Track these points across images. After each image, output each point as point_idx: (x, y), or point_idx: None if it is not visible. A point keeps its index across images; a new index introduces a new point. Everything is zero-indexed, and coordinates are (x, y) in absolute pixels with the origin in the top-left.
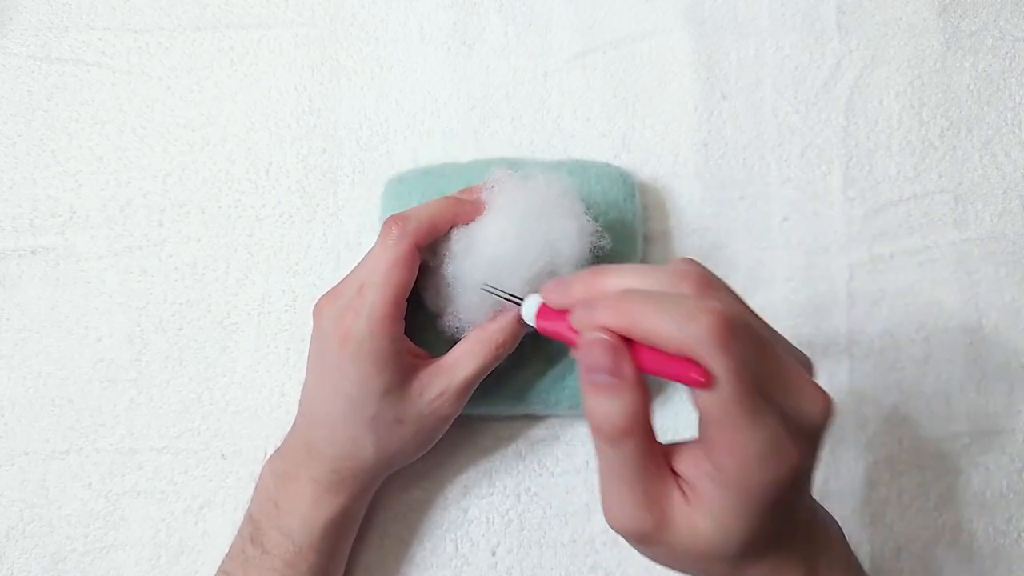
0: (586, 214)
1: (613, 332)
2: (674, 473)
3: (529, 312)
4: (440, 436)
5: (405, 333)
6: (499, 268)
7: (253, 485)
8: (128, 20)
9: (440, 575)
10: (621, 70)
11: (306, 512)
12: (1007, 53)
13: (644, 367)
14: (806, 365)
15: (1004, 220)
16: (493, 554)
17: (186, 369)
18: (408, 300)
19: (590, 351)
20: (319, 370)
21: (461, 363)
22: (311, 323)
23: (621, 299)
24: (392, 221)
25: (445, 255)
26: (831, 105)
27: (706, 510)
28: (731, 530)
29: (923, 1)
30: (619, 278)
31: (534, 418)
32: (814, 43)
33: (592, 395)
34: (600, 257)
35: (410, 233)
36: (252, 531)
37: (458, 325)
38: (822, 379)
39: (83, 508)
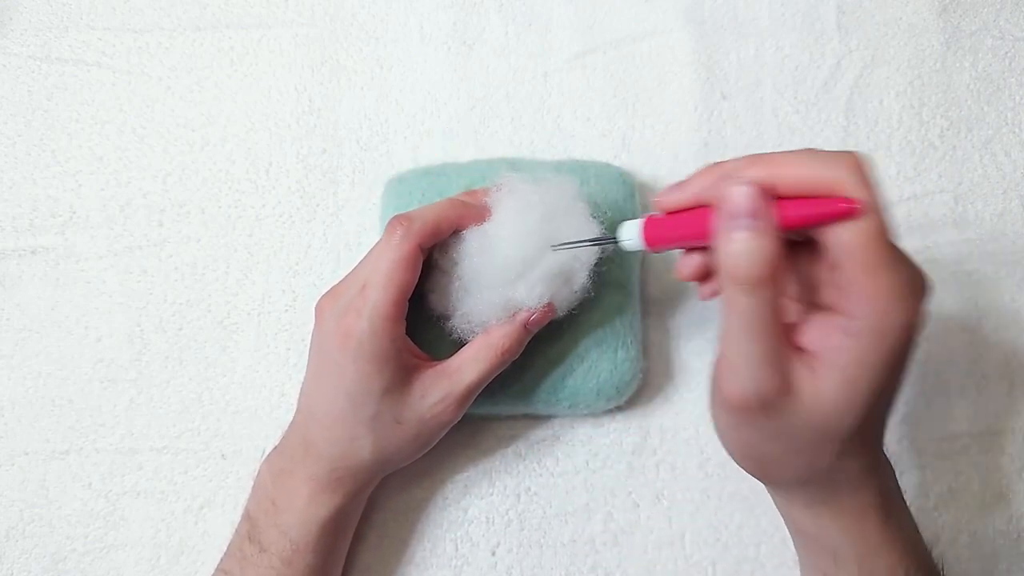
0: (593, 217)
1: (755, 186)
2: (798, 350)
3: (633, 234)
4: (438, 440)
5: (407, 334)
6: (510, 270)
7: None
8: (128, 20)
9: (440, 575)
10: (621, 70)
11: (303, 510)
12: (1007, 53)
13: (787, 222)
14: None
15: (1004, 220)
16: (493, 554)
17: (186, 369)
18: (410, 301)
19: (732, 197)
20: (319, 368)
21: (466, 368)
22: (311, 323)
23: (759, 157)
24: (396, 221)
25: (455, 257)
26: (831, 105)
27: (835, 370)
28: (861, 389)
29: (923, 1)
30: (750, 166)
31: (534, 418)
32: (814, 43)
33: (731, 241)
34: (604, 259)
35: (414, 234)
36: (250, 529)
37: (465, 328)
38: None
39: (83, 508)
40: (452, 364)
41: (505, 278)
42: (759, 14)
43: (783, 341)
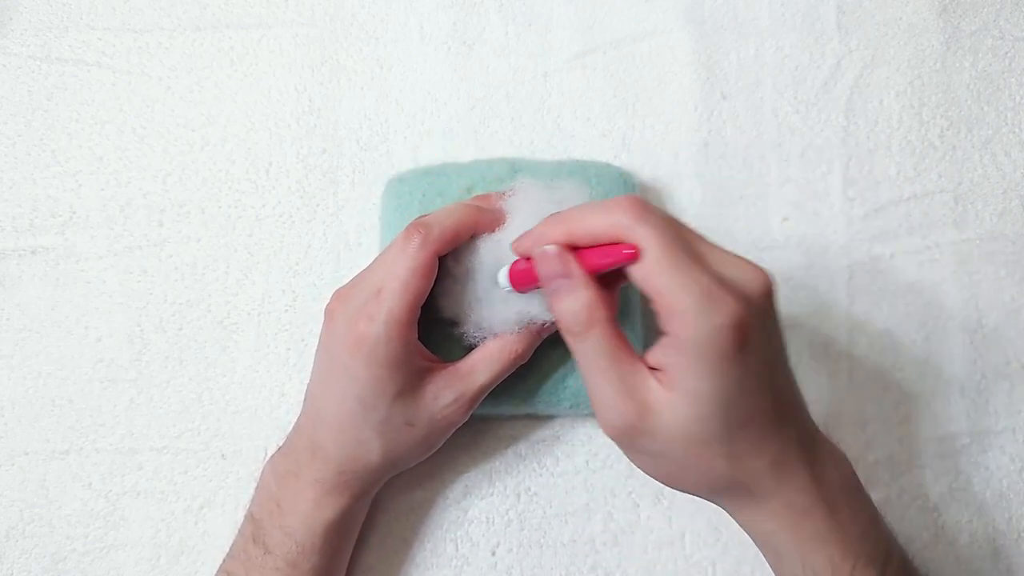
0: None
1: (560, 245)
2: (650, 369)
3: (503, 275)
4: (445, 440)
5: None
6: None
7: (253, 485)
8: (128, 20)
9: (440, 575)
10: (621, 70)
11: (309, 512)
12: (1007, 53)
13: (590, 266)
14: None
15: (1004, 220)
16: (493, 554)
17: (186, 369)
18: None
19: (542, 262)
20: (328, 371)
21: (478, 370)
22: (311, 323)
23: (559, 217)
24: (415, 228)
25: (469, 266)
26: (831, 105)
27: (677, 384)
28: (703, 396)
29: (923, 1)
30: (567, 219)
31: (534, 418)
32: (814, 43)
33: (556, 302)
34: None
35: (433, 241)
36: (254, 530)
37: (477, 335)
38: (822, 379)
39: (83, 508)
40: (463, 366)
41: (512, 297)
42: (759, 14)
43: (630, 368)
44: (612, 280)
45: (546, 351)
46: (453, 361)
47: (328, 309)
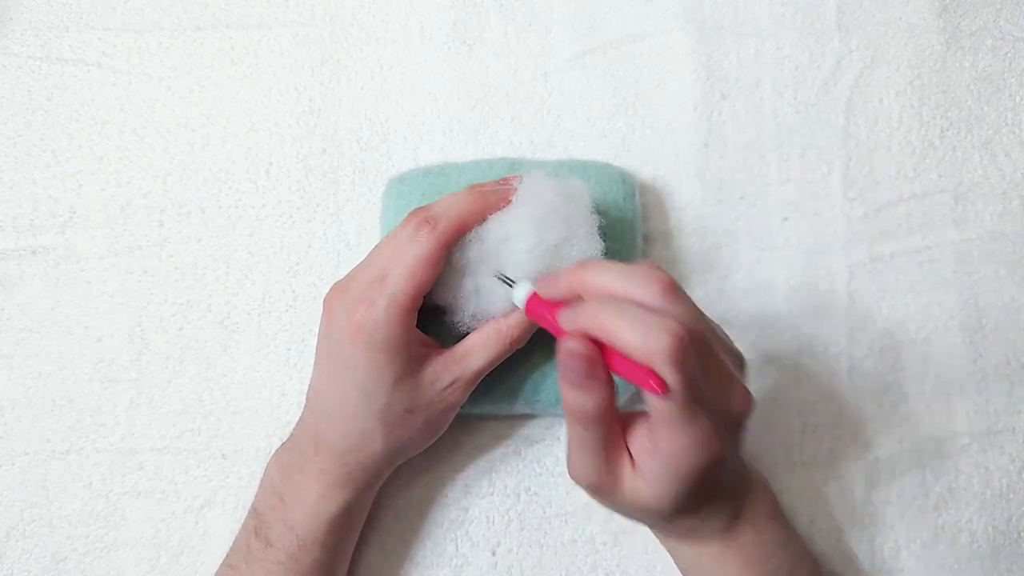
0: (601, 234)
1: (589, 343)
2: (626, 445)
3: (520, 297)
4: (446, 427)
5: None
6: (518, 266)
7: (254, 484)
8: (128, 20)
9: (440, 574)
10: (621, 70)
11: (312, 506)
12: (1007, 53)
13: (614, 368)
14: (739, 363)
15: (1004, 220)
16: (493, 554)
17: (186, 369)
18: None
19: (569, 357)
20: (328, 363)
21: (474, 354)
22: (312, 323)
23: (598, 309)
24: (424, 220)
25: (469, 256)
26: (831, 105)
27: (645, 479)
28: (663, 497)
29: (923, 1)
30: (597, 276)
31: (534, 418)
32: (814, 43)
33: (569, 388)
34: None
35: (441, 233)
36: (256, 524)
37: (473, 322)
38: (822, 379)
39: (83, 508)
40: (459, 350)
41: (510, 271)
42: (759, 14)
43: (614, 450)
44: None
45: (544, 349)
46: (449, 346)
47: (326, 301)
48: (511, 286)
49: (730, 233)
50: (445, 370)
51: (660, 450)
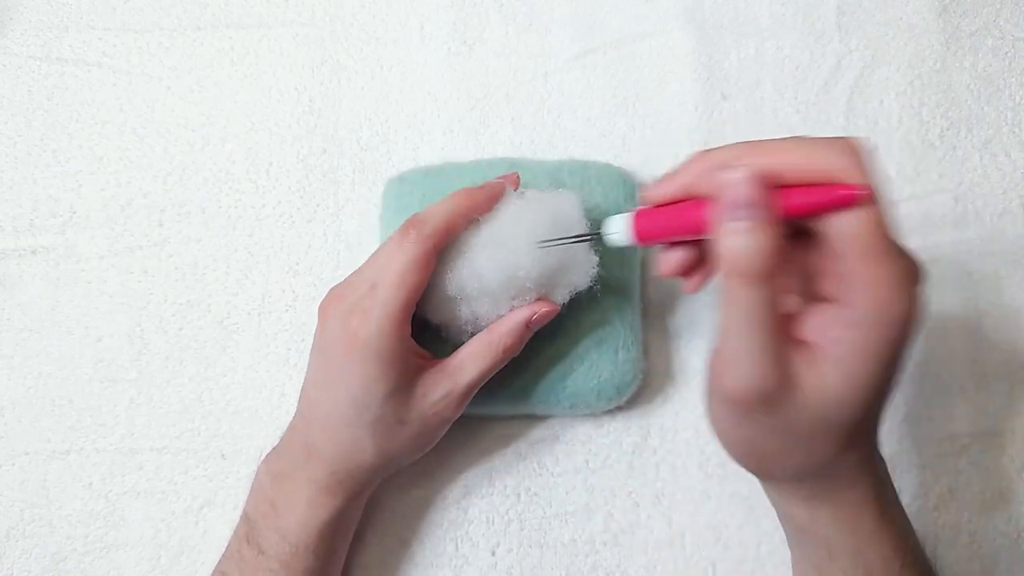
0: (594, 250)
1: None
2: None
3: (621, 228)
4: (439, 438)
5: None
6: (502, 286)
7: None
8: (128, 20)
9: (440, 575)
10: (621, 70)
11: (303, 513)
12: (1007, 53)
13: (788, 212)
14: None
15: (1004, 220)
16: (493, 554)
17: (186, 369)
18: None
19: (732, 187)
20: (321, 370)
21: (467, 365)
22: (312, 323)
23: (754, 145)
24: (409, 224)
25: (449, 267)
26: (831, 105)
27: (836, 363)
28: (861, 382)
29: (923, 1)
30: (729, 152)
31: (534, 418)
32: (814, 43)
33: (732, 234)
34: (604, 260)
35: (427, 237)
36: (248, 531)
37: (457, 334)
38: None
39: (83, 508)
40: (453, 361)
41: (499, 293)
42: (759, 14)
43: (783, 335)
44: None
45: (544, 350)
46: (443, 358)
47: (322, 307)
48: (581, 238)
49: None
50: (438, 383)
51: (861, 301)
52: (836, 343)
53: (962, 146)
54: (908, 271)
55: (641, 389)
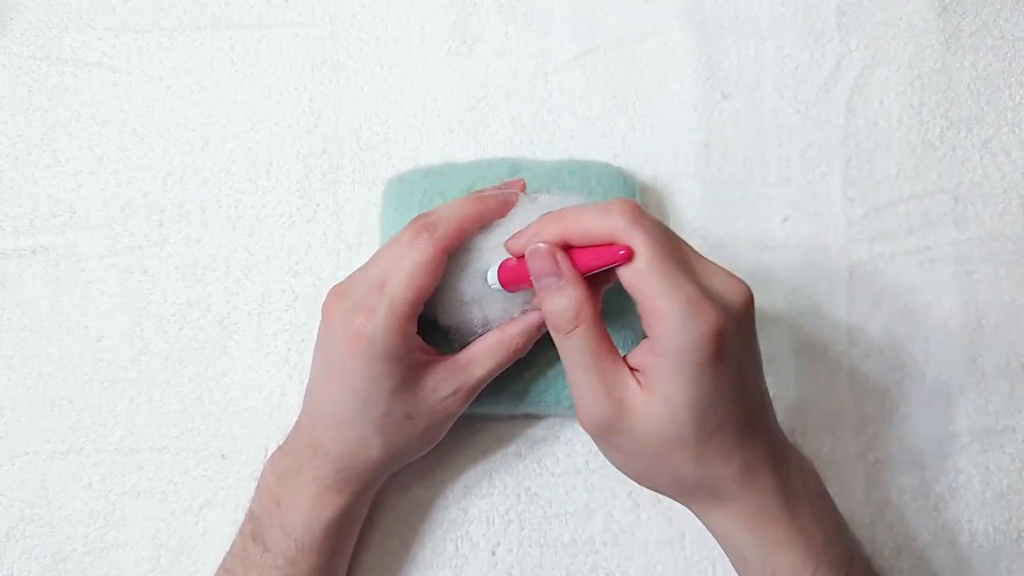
0: None
1: (552, 243)
2: (631, 369)
3: (492, 274)
4: (444, 433)
5: None
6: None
7: (254, 485)
8: (128, 20)
9: (440, 575)
10: (621, 70)
11: (309, 511)
12: (1007, 53)
13: (582, 266)
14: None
15: (1004, 220)
16: (493, 554)
17: (186, 369)
18: None
19: (534, 259)
20: (325, 368)
21: (477, 363)
22: (311, 323)
23: (555, 216)
24: (422, 226)
25: (463, 264)
26: (831, 105)
27: (654, 387)
28: (678, 401)
29: (923, 1)
30: (561, 214)
31: (534, 418)
32: (814, 43)
33: (545, 299)
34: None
35: (440, 239)
36: (254, 528)
37: (473, 329)
38: (822, 379)
39: (83, 508)
40: (463, 358)
41: (512, 298)
42: (759, 14)
43: (612, 368)
44: (597, 282)
45: (546, 350)
46: (451, 353)
47: (325, 306)
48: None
49: (730, 233)
50: (448, 379)
51: (655, 334)
52: (651, 370)
53: (962, 146)
54: (695, 300)
55: None
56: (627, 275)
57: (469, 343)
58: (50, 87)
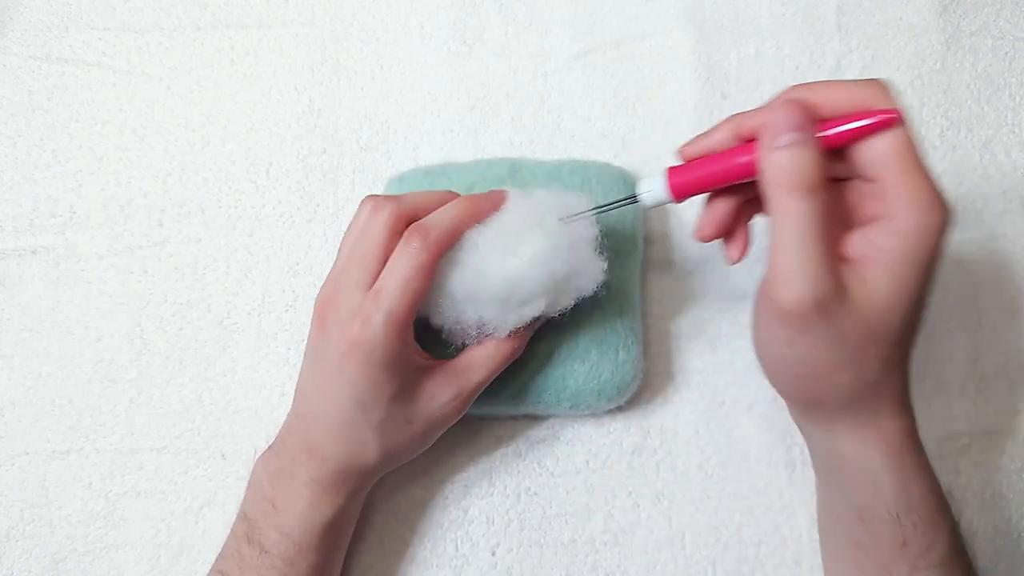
0: (601, 251)
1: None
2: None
3: (655, 186)
4: (441, 434)
5: None
6: (509, 291)
7: None
8: (128, 20)
9: (440, 575)
10: (621, 70)
11: (305, 512)
12: (1007, 53)
13: (829, 141)
14: None
15: (1004, 220)
16: (493, 554)
17: (186, 369)
18: None
19: (778, 114)
20: (322, 374)
21: (475, 367)
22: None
23: (795, 87)
24: (415, 230)
25: (450, 275)
26: None
27: (884, 268)
28: (900, 290)
29: (923, 1)
30: (807, 85)
31: (534, 418)
32: (814, 43)
33: (781, 153)
34: (606, 260)
35: (433, 243)
36: (247, 530)
37: (472, 334)
38: None
39: (83, 508)
40: (460, 363)
41: (507, 298)
42: (759, 14)
43: (835, 247)
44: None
45: (545, 351)
46: (446, 359)
47: (317, 311)
48: (613, 206)
49: None
50: (446, 384)
51: (900, 211)
52: (882, 251)
53: (962, 146)
54: (937, 187)
55: (641, 389)
56: (885, 144)
57: (463, 342)
58: (50, 87)
